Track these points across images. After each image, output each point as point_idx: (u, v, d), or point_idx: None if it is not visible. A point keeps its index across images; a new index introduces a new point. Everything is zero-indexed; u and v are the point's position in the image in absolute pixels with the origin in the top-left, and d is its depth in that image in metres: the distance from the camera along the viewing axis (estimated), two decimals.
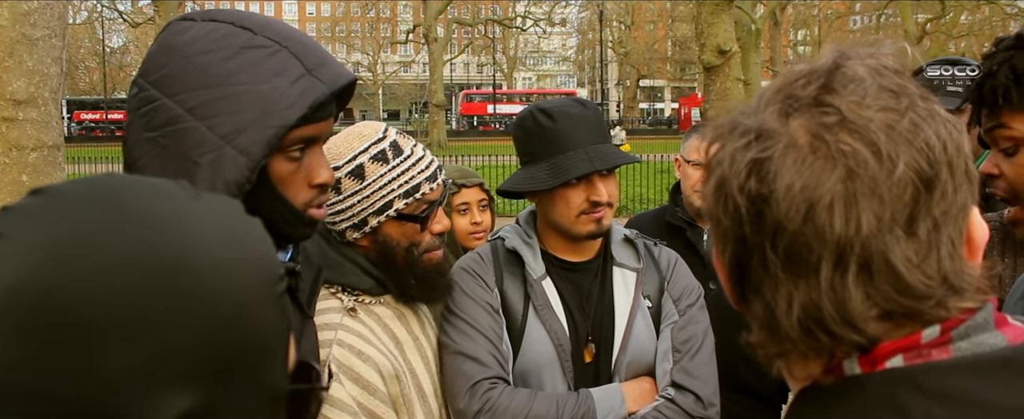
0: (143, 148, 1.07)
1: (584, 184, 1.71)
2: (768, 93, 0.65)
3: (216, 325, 0.55)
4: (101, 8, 38.04)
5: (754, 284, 0.63)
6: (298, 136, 1.09)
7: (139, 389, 0.52)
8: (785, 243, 0.59)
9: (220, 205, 0.62)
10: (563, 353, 1.72)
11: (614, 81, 64.19)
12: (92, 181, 0.60)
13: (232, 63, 1.05)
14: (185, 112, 1.04)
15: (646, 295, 1.80)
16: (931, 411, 0.56)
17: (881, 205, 0.58)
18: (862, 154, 0.58)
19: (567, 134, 1.71)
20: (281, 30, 1.11)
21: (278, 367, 0.62)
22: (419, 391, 1.55)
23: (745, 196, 0.61)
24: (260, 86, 1.04)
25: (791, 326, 0.61)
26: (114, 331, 0.52)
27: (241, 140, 1.03)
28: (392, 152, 1.51)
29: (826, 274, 0.59)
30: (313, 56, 1.09)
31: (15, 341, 0.51)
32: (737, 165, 0.61)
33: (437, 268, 1.57)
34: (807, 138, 0.60)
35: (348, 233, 1.52)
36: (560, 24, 59.89)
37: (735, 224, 0.62)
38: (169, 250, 0.55)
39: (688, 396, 1.68)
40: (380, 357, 1.46)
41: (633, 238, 1.85)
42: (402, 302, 1.59)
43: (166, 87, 1.05)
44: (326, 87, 1.08)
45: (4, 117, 3.46)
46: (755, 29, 22.37)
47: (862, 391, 0.59)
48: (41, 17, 3.47)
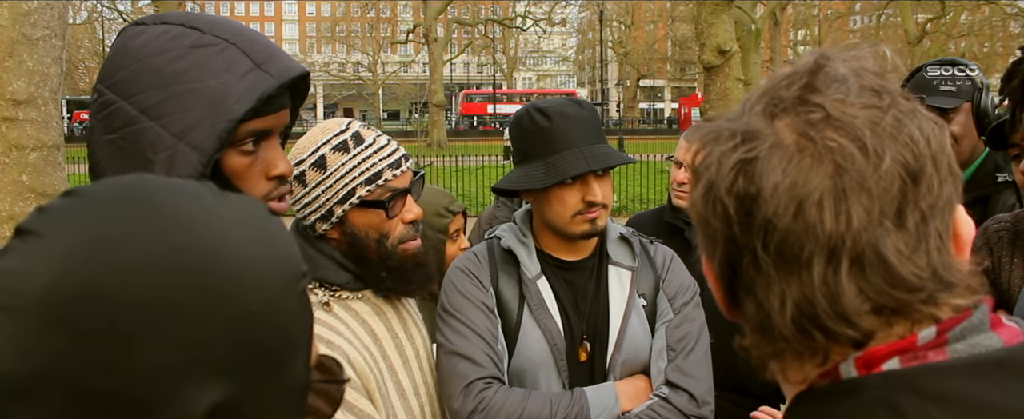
0: (104, 150, 1.11)
1: (579, 184, 1.72)
2: (753, 97, 0.65)
3: (246, 320, 0.58)
4: (101, 8, 38.03)
5: (746, 285, 0.63)
6: (249, 129, 1.11)
7: (173, 382, 0.55)
8: (776, 241, 0.59)
9: (245, 204, 0.64)
10: (558, 352, 1.73)
11: (614, 81, 64.17)
12: (122, 182, 0.62)
13: (182, 62, 1.08)
14: (140, 113, 1.07)
15: (641, 293, 1.80)
16: (928, 413, 0.56)
17: (870, 199, 0.58)
18: (848, 149, 0.59)
19: (563, 133, 1.71)
20: (230, 28, 1.13)
21: (302, 360, 0.64)
22: (398, 388, 1.56)
23: (734, 197, 0.61)
24: (209, 83, 1.07)
25: (785, 325, 0.61)
26: (149, 327, 0.54)
27: (193, 136, 1.06)
28: (353, 141, 1.53)
29: (819, 270, 0.59)
30: (262, 51, 1.12)
31: (53, 335, 0.53)
32: (724, 167, 0.62)
33: (413, 259, 1.57)
34: (793, 137, 0.60)
35: (318, 225, 1.54)
36: (560, 24, 59.89)
37: (725, 225, 0.62)
38: (201, 249, 0.57)
39: (682, 395, 1.69)
40: (352, 351, 1.47)
41: (628, 236, 1.85)
42: (381, 297, 1.60)
43: (122, 90, 1.09)
44: (275, 80, 1.10)
45: (4, 117, 3.47)
46: (755, 29, 22.35)
47: (858, 394, 0.59)
48: (41, 17, 3.47)
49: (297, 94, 1.22)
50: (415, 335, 1.66)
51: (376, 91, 59.79)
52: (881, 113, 0.61)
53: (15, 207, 3.99)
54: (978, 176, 2.39)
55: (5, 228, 4.04)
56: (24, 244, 0.57)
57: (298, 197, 1.53)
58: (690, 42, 41.59)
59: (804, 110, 0.61)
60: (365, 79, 56.53)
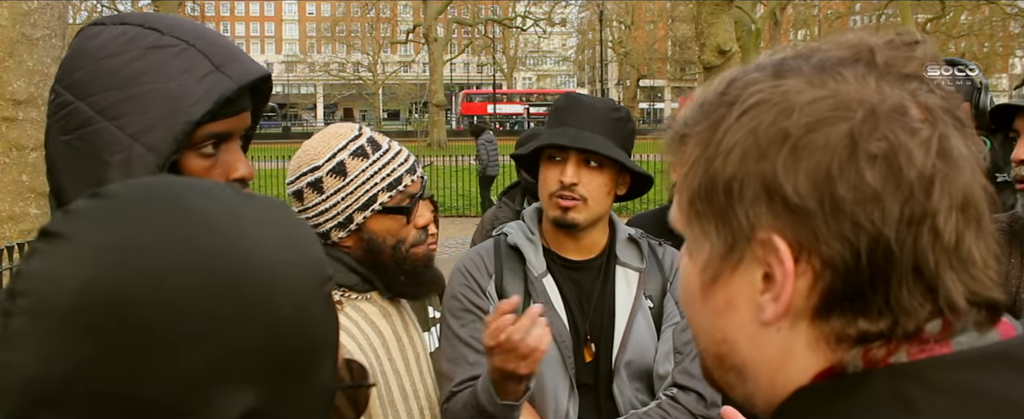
0: (59, 151, 1.10)
1: (559, 165, 1.73)
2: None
3: (277, 326, 0.57)
4: (101, 8, 38.03)
5: (906, 270, 0.60)
6: (208, 132, 1.10)
7: (204, 390, 0.54)
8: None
9: (271, 207, 0.63)
10: (566, 350, 1.72)
11: (614, 81, 64.17)
12: (148, 184, 0.61)
13: (139, 64, 1.07)
14: (96, 114, 1.07)
15: (648, 295, 1.80)
16: (936, 403, 0.55)
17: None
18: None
19: (565, 114, 1.77)
20: (191, 29, 1.12)
21: (330, 364, 0.63)
22: (401, 391, 1.56)
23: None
24: (167, 84, 1.06)
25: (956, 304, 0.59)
26: (180, 333, 0.53)
27: (148, 138, 1.06)
28: (371, 147, 1.52)
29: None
30: (221, 53, 1.11)
31: (82, 341, 0.53)
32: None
33: (424, 261, 1.58)
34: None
35: (333, 233, 1.52)
36: (560, 24, 59.89)
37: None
38: (232, 254, 0.57)
39: (691, 395, 1.68)
40: (359, 352, 1.46)
41: (637, 238, 1.85)
42: (387, 299, 1.60)
43: (79, 91, 1.08)
44: (233, 82, 1.09)
45: (4, 117, 3.46)
46: (755, 29, 22.36)
47: (866, 386, 0.58)
48: (41, 17, 3.47)
49: (259, 96, 1.20)
50: (415, 338, 1.66)
51: (376, 91, 59.81)
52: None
53: (15, 207, 3.98)
54: None
55: (5, 228, 4.03)
56: (50, 246, 0.56)
57: (312, 204, 1.51)
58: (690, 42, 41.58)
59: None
60: (365, 79, 56.52)
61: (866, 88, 0.58)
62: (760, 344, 0.62)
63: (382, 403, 1.50)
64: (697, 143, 0.63)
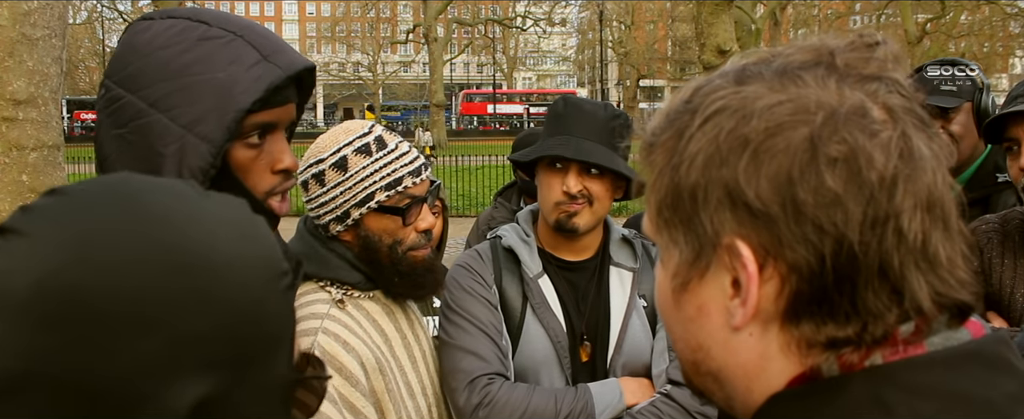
0: (112, 144, 1.11)
1: (562, 174, 1.73)
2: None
3: (232, 317, 0.58)
4: (101, 8, 38.05)
5: (871, 273, 0.60)
6: (256, 121, 1.12)
7: (160, 379, 0.55)
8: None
9: (229, 203, 0.65)
10: (562, 350, 1.73)
11: (614, 81, 64.15)
12: (107, 181, 0.63)
13: (189, 55, 1.08)
14: (148, 106, 1.08)
15: (642, 295, 1.81)
16: (914, 406, 0.55)
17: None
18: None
19: (567, 121, 1.76)
20: (238, 22, 1.14)
21: (286, 357, 0.65)
22: (408, 388, 1.56)
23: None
24: (216, 74, 1.07)
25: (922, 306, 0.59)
26: (136, 323, 0.55)
27: (202, 128, 1.07)
28: (376, 145, 1.53)
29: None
30: (269, 44, 1.13)
31: (40, 334, 0.54)
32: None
33: (423, 265, 1.58)
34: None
35: (332, 226, 1.54)
36: (560, 24, 59.87)
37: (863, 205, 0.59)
38: (187, 248, 0.58)
39: (685, 391, 1.69)
40: (365, 350, 1.47)
41: (631, 238, 1.86)
42: (390, 298, 1.60)
43: (130, 84, 1.09)
44: (282, 72, 1.11)
45: (4, 117, 3.46)
46: (755, 29, 22.39)
47: (844, 391, 0.58)
48: (41, 17, 3.47)
49: (303, 90, 1.22)
50: (420, 335, 1.66)
51: (376, 91, 59.78)
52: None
53: (15, 207, 3.98)
54: (978, 176, 2.39)
55: None
56: (8, 243, 0.57)
57: (315, 195, 1.53)
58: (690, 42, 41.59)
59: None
60: (365, 79, 56.52)
61: (826, 91, 0.58)
62: (733, 350, 0.62)
63: (393, 400, 1.50)
64: (663, 152, 0.63)
